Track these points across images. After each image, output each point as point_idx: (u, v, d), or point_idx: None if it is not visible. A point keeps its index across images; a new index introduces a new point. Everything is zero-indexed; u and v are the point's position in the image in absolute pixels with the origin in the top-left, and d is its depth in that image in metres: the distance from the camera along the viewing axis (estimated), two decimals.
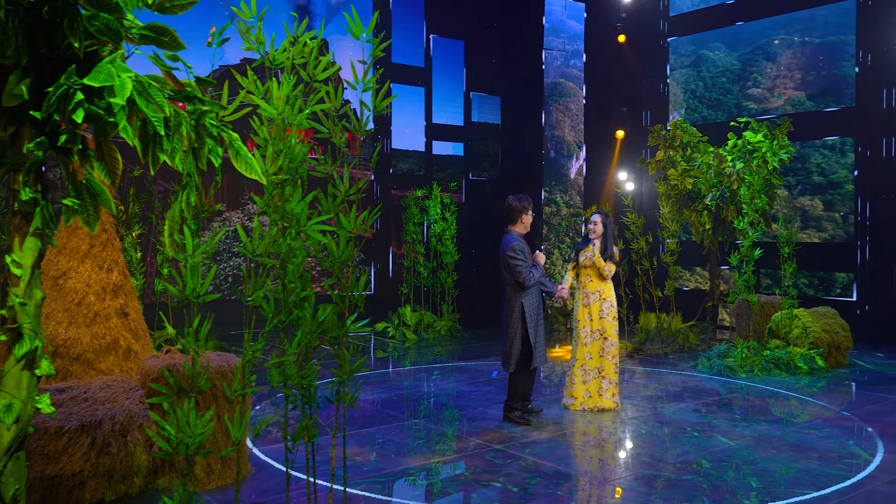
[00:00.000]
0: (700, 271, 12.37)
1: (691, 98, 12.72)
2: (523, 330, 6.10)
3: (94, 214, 2.63)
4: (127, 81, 2.40)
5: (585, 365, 6.57)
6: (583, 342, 6.54)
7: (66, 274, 4.98)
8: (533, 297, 6.14)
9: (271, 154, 3.09)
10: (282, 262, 3.11)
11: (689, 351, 9.75)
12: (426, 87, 14.72)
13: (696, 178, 10.06)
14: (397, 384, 7.81)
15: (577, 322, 6.58)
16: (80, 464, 4.06)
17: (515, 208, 6.19)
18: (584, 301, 6.57)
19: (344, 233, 3.26)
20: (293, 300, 3.11)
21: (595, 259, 6.58)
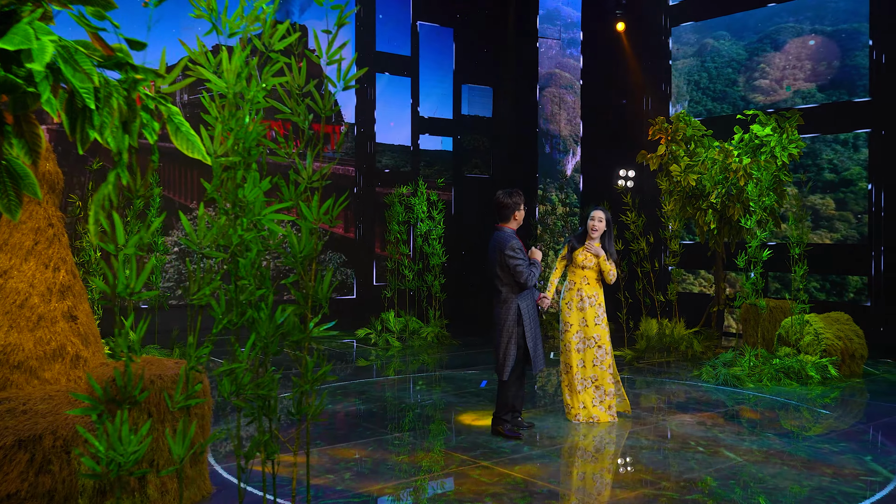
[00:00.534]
0: (704, 274, 12.21)
1: (695, 90, 12.57)
2: (519, 334, 5.92)
3: (16, 200, 2.42)
4: (48, 45, 2.18)
5: (578, 374, 6.38)
6: (575, 348, 6.35)
7: (6, 273, 4.74)
8: (530, 298, 5.97)
9: (220, 133, 2.87)
10: (232, 255, 2.90)
11: (692, 359, 9.57)
12: (413, 78, 14.53)
13: (699, 175, 9.90)
14: (378, 395, 7.60)
15: (569, 326, 6.38)
16: (17, 484, 3.82)
17: (508, 205, 6.01)
18: (580, 304, 6.38)
19: (306, 224, 3.05)
20: (245, 299, 2.90)
21: (601, 262, 6.38)
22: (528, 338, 5.90)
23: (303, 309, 3.15)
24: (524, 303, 5.93)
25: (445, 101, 15.05)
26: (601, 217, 6.41)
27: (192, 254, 12.17)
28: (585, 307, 6.38)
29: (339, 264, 13.73)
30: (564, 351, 6.40)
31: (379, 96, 14.12)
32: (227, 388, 2.84)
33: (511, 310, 5.95)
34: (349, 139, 13.82)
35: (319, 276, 3.18)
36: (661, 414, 6.88)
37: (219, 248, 2.86)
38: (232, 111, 2.85)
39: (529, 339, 5.90)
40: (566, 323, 6.38)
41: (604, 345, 6.44)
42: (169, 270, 12.03)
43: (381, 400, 7.38)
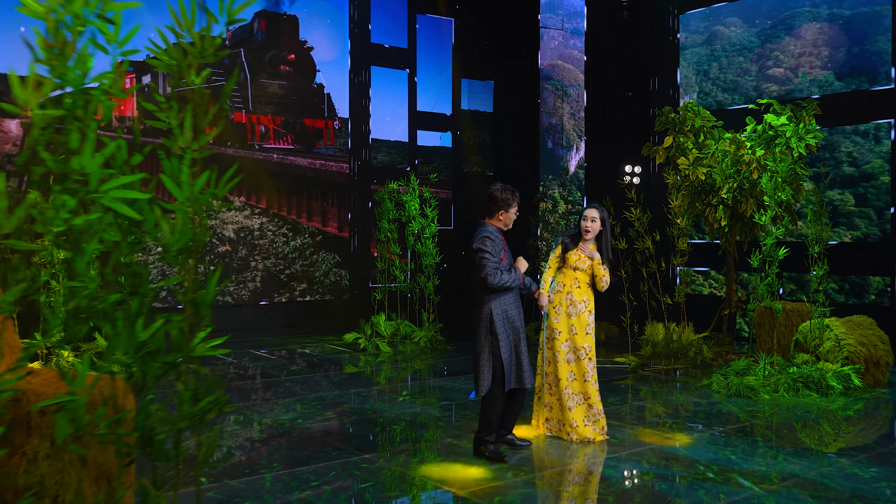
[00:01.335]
0: (715, 275, 11.38)
1: (704, 80, 11.76)
2: (493, 344, 5.18)
3: None
4: None
5: (569, 388, 5.60)
6: (564, 359, 5.57)
7: None
8: (508, 302, 5.21)
9: (34, 75, 2.13)
10: (73, 247, 2.16)
11: (702, 366, 8.77)
12: (410, 71, 13.80)
13: (709, 168, 9.10)
14: (357, 408, 6.85)
15: (557, 333, 5.59)
16: None
17: (496, 200, 5.30)
18: (570, 310, 5.60)
19: (181, 207, 2.30)
20: (81, 307, 2.16)
21: (594, 266, 5.62)
22: (502, 348, 5.15)
23: (188, 319, 2.41)
24: (499, 307, 5.19)
25: (444, 96, 14.31)
26: (595, 216, 5.64)
27: None
28: (576, 313, 5.61)
29: (333, 265, 13.00)
30: (551, 361, 5.61)
31: (374, 90, 13.40)
32: (64, 428, 2.10)
33: (483, 315, 5.23)
34: (343, 135, 13.09)
35: (196, 276, 2.43)
36: (666, 430, 6.10)
37: (28, 236, 2.11)
38: (59, 42, 2.10)
39: (504, 349, 5.15)
40: (554, 330, 5.59)
41: (593, 357, 5.69)
42: (152, 272, 11.33)
43: (358, 413, 6.63)
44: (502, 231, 5.34)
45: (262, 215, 12.30)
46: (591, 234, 5.62)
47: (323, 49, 12.88)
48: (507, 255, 5.28)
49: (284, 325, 12.26)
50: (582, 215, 5.67)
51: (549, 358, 5.60)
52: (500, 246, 5.24)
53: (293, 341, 10.89)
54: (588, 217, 5.61)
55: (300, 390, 7.59)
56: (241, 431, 5.98)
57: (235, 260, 12.04)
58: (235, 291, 12.03)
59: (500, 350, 5.16)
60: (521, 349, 5.24)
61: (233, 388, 7.67)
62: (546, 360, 5.62)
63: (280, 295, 12.48)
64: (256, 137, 12.28)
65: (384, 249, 10.27)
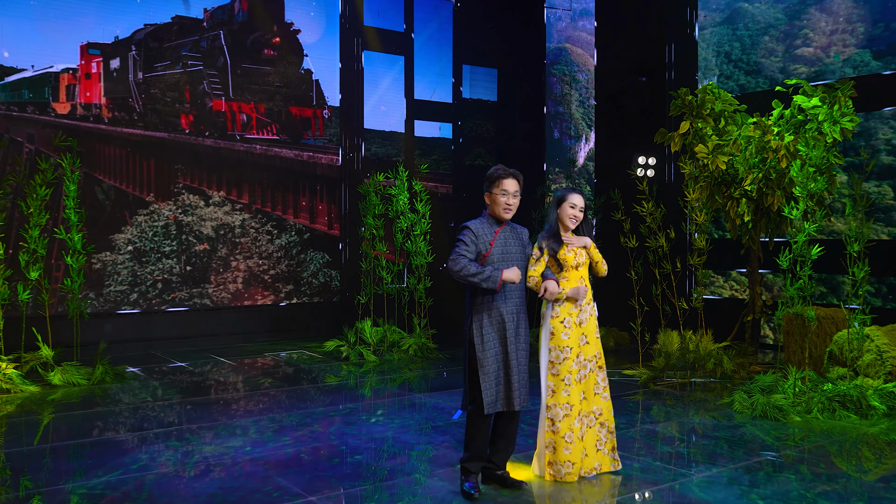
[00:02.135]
0: (736, 276, 10.36)
1: (725, 63, 10.74)
2: (474, 353, 4.32)
3: None
4: None
5: (581, 410, 4.61)
6: (576, 378, 4.58)
7: None
8: (502, 306, 4.33)
9: None
10: None
11: (722, 380, 7.78)
12: (406, 57, 12.86)
13: (731, 156, 8.10)
14: (318, 432, 5.92)
15: (567, 351, 4.56)
16: None
17: (485, 180, 4.44)
18: (580, 318, 4.63)
19: None
20: None
21: (591, 252, 4.68)
22: (487, 360, 4.27)
23: None
24: (488, 311, 4.33)
25: (444, 83, 13.36)
26: (582, 204, 4.69)
27: (149, 253, 10.61)
28: (585, 318, 4.65)
29: (322, 265, 12.09)
30: (558, 387, 4.56)
31: (368, 77, 12.47)
32: None
33: (468, 319, 4.41)
34: (333, 124, 12.17)
35: None
36: (680, 462, 5.12)
37: None
38: None
39: (489, 361, 4.29)
40: (564, 349, 4.56)
41: (603, 364, 4.75)
42: (122, 272, 10.46)
43: (320, 439, 5.69)
44: (505, 222, 4.45)
45: (243, 211, 11.42)
46: (577, 223, 4.68)
47: (311, 32, 11.97)
48: (504, 251, 4.36)
49: (268, 329, 11.38)
50: (568, 201, 4.65)
51: (554, 386, 4.57)
52: (488, 239, 4.34)
53: (273, 348, 9.98)
54: (576, 205, 4.64)
55: (260, 408, 6.68)
56: (170, 462, 5.07)
57: (215, 259, 11.16)
58: (214, 293, 11.15)
59: (485, 362, 4.26)
60: (514, 363, 4.32)
61: (182, 404, 6.77)
62: (550, 390, 4.59)
63: (264, 297, 11.59)
64: (238, 127, 11.39)
65: (369, 248, 9.33)
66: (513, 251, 4.45)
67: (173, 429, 5.95)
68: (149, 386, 7.58)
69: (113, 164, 10.53)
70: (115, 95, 10.53)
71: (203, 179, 11.11)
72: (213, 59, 11.20)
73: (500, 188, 4.38)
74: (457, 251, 4.28)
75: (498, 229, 4.42)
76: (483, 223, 4.43)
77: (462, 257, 4.24)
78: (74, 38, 10.23)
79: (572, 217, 4.63)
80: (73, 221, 7.62)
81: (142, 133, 10.69)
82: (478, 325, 4.32)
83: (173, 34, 10.94)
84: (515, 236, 4.52)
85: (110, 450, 5.38)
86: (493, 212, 4.44)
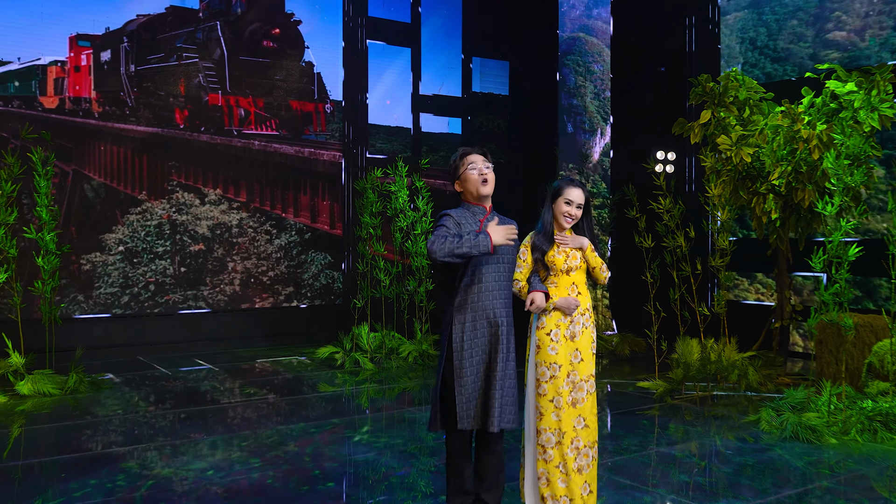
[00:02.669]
0: (763, 279, 9.58)
1: (750, 50, 9.97)
2: (449, 361, 3.67)
3: None
4: None
5: (578, 440, 3.90)
6: (568, 401, 3.88)
7: None
8: (487, 304, 3.73)
9: None
10: None
11: (747, 393, 7.04)
12: (413, 49, 12.21)
13: (757, 148, 7.36)
14: (293, 453, 5.27)
15: (556, 369, 3.86)
16: None
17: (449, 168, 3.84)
18: (570, 330, 3.92)
19: None
20: None
21: (588, 255, 3.96)
22: (464, 370, 3.63)
23: None
24: (469, 309, 3.71)
25: (453, 76, 12.69)
26: (581, 200, 3.96)
27: (141, 254, 10.04)
28: (578, 332, 3.93)
29: (324, 266, 11.46)
30: (546, 409, 3.87)
31: (372, 70, 11.83)
32: None
33: (445, 318, 3.77)
34: (336, 119, 11.55)
35: None
36: (699, 496, 4.41)
37: None
38: None
39: (468, 372, 3.64)
40: (552, 365, 3.86)
41: (594, 386, 4.00)
42: (112, 274, 9.90)
43: (292, 462, 5.05)
44: (489, 210, 3.82)
45: (241, 210, 10.82)
46: (571, 223, 3.97)
47: (313, 22, 11.35)
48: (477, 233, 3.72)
49: (266, 334, 10.77)
50: (563, 197, 3.94)
51: (542, 408, 3.88)
52: (472, 229, 3.69)
53: (267, 354, 9.37)
54: (572, 201, 3.92)
55: (236, 423, 6.05)
56: (119, 489, 4.44)
57: (210, 261, 10.57)
58: (210, 296, 10.56)
59: (463, 371, 3.60)
60: (499, 374, 3.64)
61: (152, 418, 6.15)
62: (539, 412, 3.89)
63: (262, 300, 10.98)
64: (235, 122, 10.80)
65: (365, 248, 8.67)
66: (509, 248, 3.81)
67: (135, 447, 5.34)
68: (123, 396, 6.99)
69: (103, 160, 9.97)
70: (105, 89, 9.98)
71: (198, 177, 10.53)
72: (209, 52, 10.62)
73: (464, 170, 3.74)
74: (437, 234, 3.61)
75: (483, 217, 3.76)
76: (464, 212, 3.77)
77: (442, 238, 3.56)
78: (63, 28, 9.69)
79: (566, 214, 3.92)
80: (44, 220, 7.04)
81: (134, 128, 10.13)
82: (459, 325, 3.65)
83: (167, 25, 10.37)
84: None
85: (60, 472, 4.77)
86: (469, 196, 3.78)
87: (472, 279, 3.68)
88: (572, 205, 3.91)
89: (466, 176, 3.74)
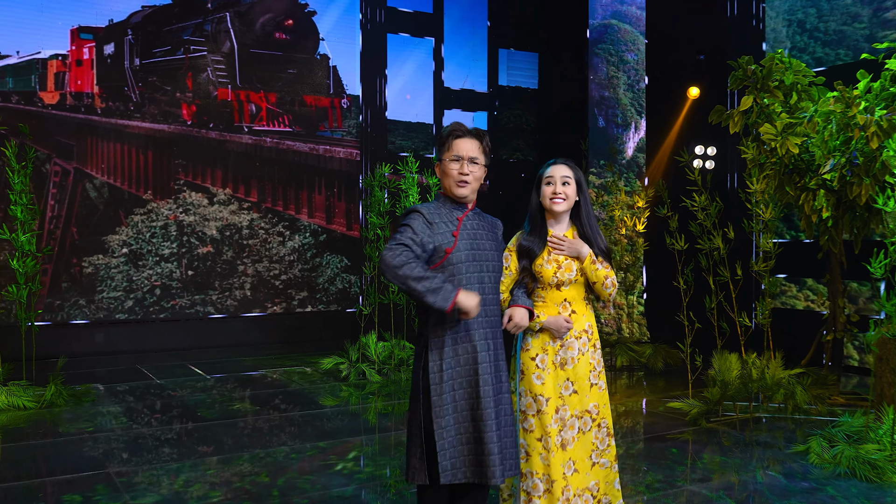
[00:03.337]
0: (813, 285, 8.62)
1: (798, 33, 9.02)
2: (425, 403, 2.91)
3: None
4: None
5: (569, 488, 3.11)
6: (555, 441, 3.09)
7: None
8: (464, 329, 2.95)
9: None
10: None
11: (795, 416, 6.15)
12: (436, 40, 11.50)
13: (806, 138, 6.45)
14: (264, 484, 4.57)
15: (543, 402, 3.09)
16: None
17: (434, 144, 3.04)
18: (560, 356, 3.13)
19: None
20: None
21: (587, 267, 3.15)
22: (443, 413, 2.88)
23: None
24: (448, 339, 2.93)
25: (478, 70, 11.94)
26: (568, 176, 3.15)
27: (146, 256, 9.49)
28: (571, 359, 3.13)
29: (340, 269, 10.80)
30: (533, 448, 3.10)
31: (391, 63, 11.14)
32: None
33: (419, 345, 3.02)
34: (352, 115, 10.88)
35: None
36: None
37: None
38: None
39: (447, 416, 2.89)
40: (538, 398, 3.09)
41: (605, 420, 3.22)
42: (116, 277, 9.37)
43: (261, 496, 4.34)
44: (470, 207, 3.08)
45: (252, 210, 10.21)
46: (562, 204, 3.16)
47: (328, 13, 10.70)
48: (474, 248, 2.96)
49: (278, 341, 10.14)
50: (545, 177, 3.17)
51: (528, 447, 3.11)
52: (449, 228, 2.94)
53: (272, 363, 8.71)
54: (554, 178, 3.13)
55: (212, 446, 5.37)
56: None
57: (220, 263, 9.98)
58: (219, 300, 9.97)
59: (442, 410, 2.85)
60: (490, 413, 2.87)
61: (124, 437, 5.51)
62: (524, 451, 3.12)
63: (274, 305, 10.36)
64: (246, 118, 10.20)
65: (373, 251, 7.96)
66: (485, 247, 3.03)
67: (90, 474, 4.69)
68: (103, 411, 6.37)
69: (106, 158, 9.44)
70: (109, 84, 9.45)
71: (207, 175, 9.95)
72: (218, 44, 10.04)
73: (449, 156, 2.98)
74: (398, 239, 2.85)
75: (462, 215, 3.01)
76: (440, 207, 3.02)
77: (405, 249, 2.81)
78: (64, 21, 9.20)
79: (552, 196, 3.13)
80: (20, 219, 6.47)
81: (139, 125, 9.58)
82: (437, 354, 2.90)
83: (174, 17, 9.81)
84: (487, 228, 3.10)
85: (6, 501, 4.15)
86: (447, 189, 3.03)
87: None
88: (554, 182, 3.11)
89: (446, 168, 3.00)
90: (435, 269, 2.87)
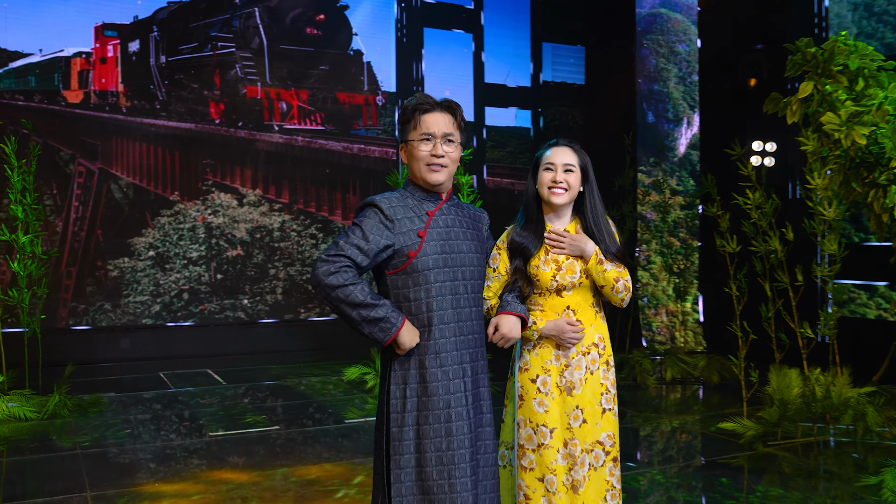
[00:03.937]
0: (886, 291, 7.80)
1: (864, 17, 8.23)
2: (387, 428, 2.40)
3: None
4: None
5: None
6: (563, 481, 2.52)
7: None
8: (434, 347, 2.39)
9: None
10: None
11: (865, 442, 5.42)
12: (476, 34, 10.96)
13: (874, 128, 5.72)
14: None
15: (546, 433, 2.52)
16: None
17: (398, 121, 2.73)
18: (566, 378, 2.55)
19: None
20: None
21: (592, 268, 2.55)
22: (392, 437, 2.38)
23: None
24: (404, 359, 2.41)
25: (521, 64, 11.36)
26: (571, 163, 2.57)
27: (173, 259, 9.18)
28: (579, 380, 2.54)
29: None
30: (535, 490, 2.53)
31: (428, 58, 10.65)
32: None
33: (383, 367, 2.50)
34: (388, 113, 10.42)
35: None
36: None
37: None
38: None
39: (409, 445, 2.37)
40: (539, 428, 2.52)
41: (614, 452, 2.61)
42: (142, 281, 9.07)
43: None
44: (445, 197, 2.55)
45: (283, 212, 9.82)
46: (563, 195, 2.57)
47: (360, 7, 10.27)
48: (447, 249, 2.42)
49: (311, 348, 9.70)
50: (543, 161, 2.62)
51: (527, 488, 2.54)
52: (414, 226, 2.40)
53: (300, 372, 8.28)
54: (555, 164, 2.57)
55: (203, 467, 4.92)
56: None
57: (250, 267, 9.62)
58: (250, 306, 9.60)
59: (402, 446, 2.32)
60: (461, 461, 2.33)
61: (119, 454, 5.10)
62: (522, 493, 2.55)
63: (308, 311, 9.95)
64: (276, 117, 9.82)
65: None
66: (462, 248, 2.46)
67: (63, 497, 4.28)
68: (107, 423, 6.01)
69: (132, 158, 9.16)
70: (134, 82, 9.17)
71: (236, 176, 9.59)
72: (247, 40, 9.68)
73: (419, 130, 2.43)
74: (340, 248, 2.32)
75: (433, 209, 2.45)
76: (406, 198, 2.47)
77: (345, 265, 2.28)
78: (88, 18, 8.95)
79: (551, 186, 2.55)
80: (20, 219, 6.15)
81: (165, 124, 9.28)
82: (400, 376, 2.38)
83: (201, 13, 9.49)
84: (466, 223, 2.53)
85: None
86: (416, 176, 2.47)
87: (422, 299, 2.38)
88: (555, 168, 2.54)
89: (415, 150, 2.44)
90: (395, 275, 2.34)
